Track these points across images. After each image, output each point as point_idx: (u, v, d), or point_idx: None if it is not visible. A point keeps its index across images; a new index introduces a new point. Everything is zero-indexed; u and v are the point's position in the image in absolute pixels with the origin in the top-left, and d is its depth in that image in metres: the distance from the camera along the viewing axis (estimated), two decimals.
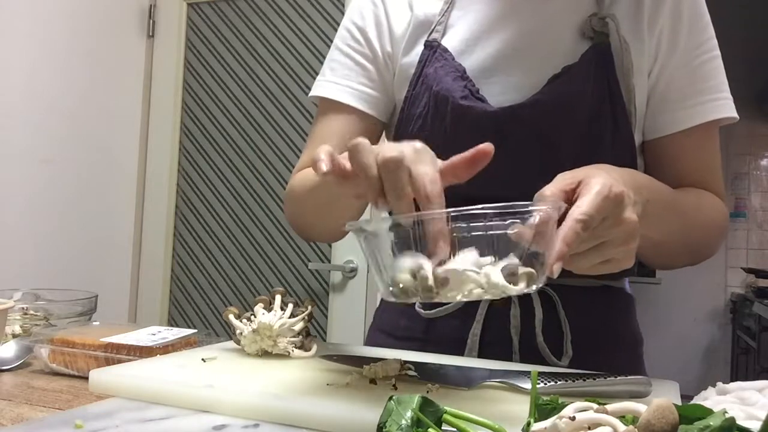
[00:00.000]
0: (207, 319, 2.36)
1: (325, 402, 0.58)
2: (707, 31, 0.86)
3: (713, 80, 0.85)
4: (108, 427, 0.52)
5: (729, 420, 0.38)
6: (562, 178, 0.61)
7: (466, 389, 0.64)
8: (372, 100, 0.93)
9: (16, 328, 0.89)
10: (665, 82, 0.85)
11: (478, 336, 0.84)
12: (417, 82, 0.87)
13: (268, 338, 0.74)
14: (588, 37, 0.83)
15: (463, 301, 0.54)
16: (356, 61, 0.93)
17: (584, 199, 0.57)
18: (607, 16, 0.83)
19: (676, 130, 0.85)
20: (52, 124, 2.10)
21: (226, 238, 2.34)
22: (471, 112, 0.82)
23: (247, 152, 2.32)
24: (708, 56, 0.85)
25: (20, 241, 2.00)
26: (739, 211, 4.51)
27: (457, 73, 0.84)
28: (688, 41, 0.85)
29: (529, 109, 0.81)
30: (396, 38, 0.92)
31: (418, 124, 0.86)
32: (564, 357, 0.82)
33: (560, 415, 0.42)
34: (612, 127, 0.81)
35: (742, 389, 0.59)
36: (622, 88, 0.82)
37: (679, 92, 0.84)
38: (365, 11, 0.94)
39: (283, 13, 2.28)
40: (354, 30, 0.95)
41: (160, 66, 2.45)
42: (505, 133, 0.80)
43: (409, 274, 0.53)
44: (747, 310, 3.85)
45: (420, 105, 0.87)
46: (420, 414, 0.45)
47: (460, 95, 0.83)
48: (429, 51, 0.88)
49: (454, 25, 0.89)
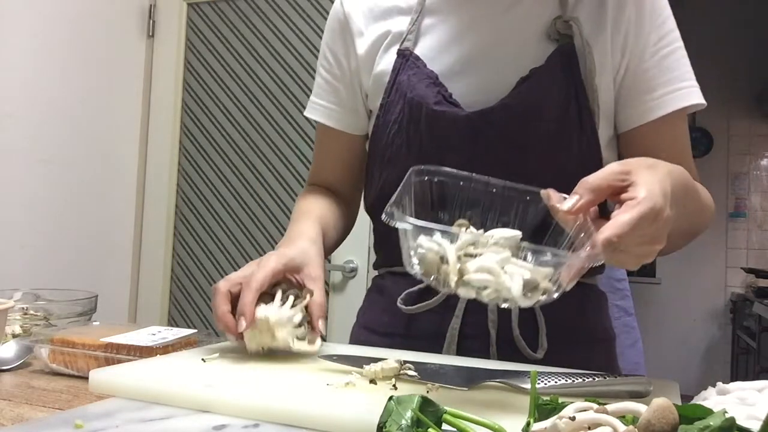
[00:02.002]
0: (207, 319, 2.36)
1: (325, 402, 0.58)
2: (668, 23, 0.90)
3: (678, 70, 0.88)
4: (108, 427, 0.52)
5: (729, 420, 0.38)
6: (608, 171, 0.62)
7: (466, 389, 0.64)
8: (337, 116, 1.00)
9: (16, 328, 0.89)
10: (632, 76, 0.88)
11: (457, 330, 0.87)
12: (391, 89, 0.91)
13: (267, 332, 0.74)
14: (553, 40, 0.87)
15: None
16: (327, 80, 1.01)
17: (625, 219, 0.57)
18: (570, 19, 0.86)
19: (649, 119, 0.88)
20: (52, 124, 2.10)
21: (226, 238, 2.34)
22: (445, 117, 0.86)
23: (247, 152, 2.32)
24: (672, 47, 0.89)
25: (20, 241, 2.00)
26: (739, 211, 4.51)
27: (429, 79, 0.88)
28: (651, 35, 0.88)
29: (500, 112, 0.84)
30: (361, 57, 0.97)
31: (394, 129, 0.91)
32: (539, 350, 0.85)
33: (560, 415, 0.42)
34: (577, 126, 0.85)
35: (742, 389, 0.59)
36: (587, 88, 0.85)
37: (649, 84, 0.88)
38: (334, 33, 1.00)
39: (283, 13, 2.28)
40: (326, 51, 1.01)
41: (160, 66, 2.45)
42: (478, 135, 0.85)
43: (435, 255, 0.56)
44: (747, 310, 3.85)
45: (395, 111, 0.90)
46: (420, 414, 0.45)
47: (434, 101, 0.86)
48: (402, 59, 0.91)
49: (425, 34, 0.93)
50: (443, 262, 0.56)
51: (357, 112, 0.99)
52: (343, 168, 1.04)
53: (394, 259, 0.96)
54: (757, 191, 4.53)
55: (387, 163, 0.92)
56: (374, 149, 0.95)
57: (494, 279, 0.54)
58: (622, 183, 0.61)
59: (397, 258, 0.97)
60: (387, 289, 0.96)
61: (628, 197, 0.60)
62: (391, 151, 0.91)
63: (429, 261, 0.56)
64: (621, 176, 0.61)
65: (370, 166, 0.98)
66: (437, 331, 0.88)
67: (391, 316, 0.92)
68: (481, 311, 0.87)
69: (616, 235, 0.56)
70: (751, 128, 4.52)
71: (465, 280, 0.55)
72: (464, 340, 0.87)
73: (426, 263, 0.57)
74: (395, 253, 0.96)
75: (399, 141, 0.90)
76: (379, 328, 0.95)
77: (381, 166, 0.93)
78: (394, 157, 0.91)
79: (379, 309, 0.97)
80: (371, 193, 0.97)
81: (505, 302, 0.55)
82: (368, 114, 0.99)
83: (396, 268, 0.96)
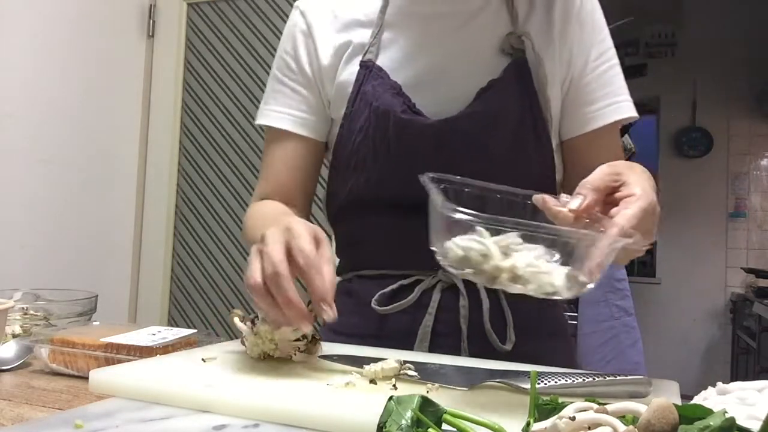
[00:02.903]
0: (207, 319, 2.36)
1: (325, 402, 0.58)
2: (607, 41, 0.97)
3: (615, 85, 0.95)
4: (108, 427, 0.52)
5: (729, 420, 0.38)
6: (603, 172, 0.67)
7: (467, 389, 0.64)
8: (310, 124, 1.00)
9: (16, 328, 0.89)
10: (575, 88, 0.95)
11: (430, 328, 0.90)
12: (356, 99, 0.94)
13: (270, 341, 0.74)
14: (507, 54, 0.92)
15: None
16: (293, 88, 1.01)
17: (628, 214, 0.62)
18: (522, 34, 0.92)
19: (589, 129, 0.94)
20: (52, 124, 2.10)
21: (226, 238, 2.34)
22: (412, 125, 0.89)
23: (247, 152, 2.32)
24: (610, 63, 0.96)
25: (20, 241, 2.00)
26: (739, 211, 4.51)
27: (393, 89, 0.91)
28: (592, 51, 0.95)
29: (464, 120, 0.89)
30: (324, 66, 0.99)
31: (359, 137, 0.93)
32: (508, 342, 0.89)
33: (560, 415, 0.42)
34: (533, 133, 0.91)
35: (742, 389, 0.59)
36: (540, 98, 0.91)
37: (587, 97, 0.95)
38: (297, 41, 1.01)
39: (283, 13, 2.28)
40: (288, 59, 1.02)
41: (160, 66, 2.45)
42: (443, 142, 0.89)
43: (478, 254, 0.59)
44: (747, 310, 3.85)
45: (360, 120, 0.93)
46: (420, 414, 0.45)
47: (401, 109, 0.90)
48: (365, 70, 0.94)
49: (387, 47, 0.96)
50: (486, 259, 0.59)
51: (326, 119, 1.01)
52: (303, 177, 1.02)
53: (360, 262, 0.99)
54: (757, 191, 4.53)
55: (352, 171, 0.94)
56: (338, 158, 0.97)
57: (546, 275, 0.58)
58: (615, 183, 0.66)
59: (363, 261, 0.99)
60: (355, 292, 0.97)
61: (623, 195, 0.65)
62: (357, 159, 0.93)
63: (472, 257, 0.59)
64: (614, 176, 0.66)
65: (333, 175, 1.00)
66: (409, 329, 0.91)
67: (361, 317, 0.94)
68: (452, 308, 0.90)
69: (630, 227, 0.60)
70: (751, 128, 4.52)
71: (522, 275, 0.58)
72: (435, 338, 0.90)
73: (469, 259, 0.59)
74: (362, 257, 0.99)
75: (365, 149, 0.92)
76: (347, 330, 0.95)
77: (346, 174, 0.95)
78: (360, 164, 0.93)
79: (347, 311, 0.95)
80: (336, 200, 0.99)
81: (545, 294, 0.59)
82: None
83: (364, 271, 0.98)
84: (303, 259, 0.67)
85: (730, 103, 4.46)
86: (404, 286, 0.92)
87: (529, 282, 0.59)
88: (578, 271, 0.59)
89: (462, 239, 0.60)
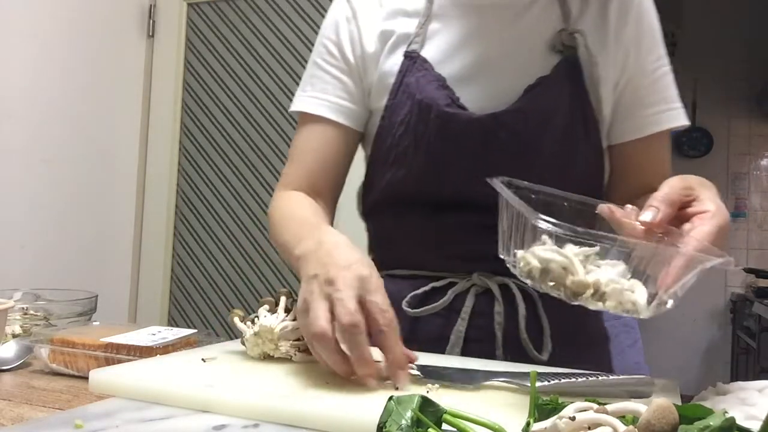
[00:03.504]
0: (207, 319, 2.36)
1: (325, 402, 0.58)
2: (662, 45, 0.94)
3: (669, 91, 0.93)
4: (108, 427, 0.52)
5: (729, 420, 0.38)
6: (675, 186, 0.65)
7: (470, 389, 0.64)
8: (349, 113, 0.97)
9: (16, 328, 0.89)
10: (631, 91, 0.92)
11: (463, 333, 0.87)
12: (398, 90, 0.91)
13: (270, 341, 0.74)
14: (558, 51, 0.89)
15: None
16: (333, 75, 0.97)
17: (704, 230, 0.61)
18: (575, 31, 0.89)
19: (640, 135, 0.92)
20: (52, 124, 2.10)
21: (226, 238, 2.34)
22: (456, 119, 0.86)
23: (247, 152, 2.32)
24: (665, 69, 0.93)
25: (20, 241, 2.00)
26: (739, 211, 4.51)
27: (438, 82, 0.88)
28: (649, 54, 0.92)
29: (512, 116, 0.86)
30: (368, 53, 0.96)
31: (401, 130, 0.90)
32: (544, 351, 0.86)
33: (560, 415, 0.42)
34: (583, 134, 0.88)
35: (742, 389, 0.59)
36: (592, 98, 0.88)
37: (643, 101, 0.92)
38: (339, 27, 0.98)
39: (283, 13, 2.28)
40: (330, 45, 0.99)
41: (160, 66, 2.44)
42: (488, 138, 0.86)
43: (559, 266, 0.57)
44: (747, 310, 3.85)
45: (402, 113, 0.90)
46: (420, 414, 0.45)
47: (444, 103, 0.87)
48: (409, 61, 0.91)
49: (432, 37, 0.93)
50: (567, 272, 0.57)
51: (365, 108, 0.97)
52: (335, 167, 0.98)
53: (393, 261, 0.96)
54: (757, 191, 4.52)
55: (392, 164, 0.91)
56: (377, 150, 0.94)
57: (628, 293, 0.56)
58: (687, 198, 0.64)
59: (396, 260, 0.97)
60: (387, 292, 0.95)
61: (697, 211, 0.63)
62: (397, 152, 0.90)
63: (553, 270, 0.57)
64: (686, 191, 0.65)
65: (370, 168, 0.97)
66: (441, 334, 0.88)
67: None
68: (487, 314, 0.87)
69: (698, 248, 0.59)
70: (751, 128, 4.51)
71: (607, 292, 0.56)
72: (468, 343, 0.87)
73: (549, 272, 0.57)
74: (395, 256, 0.97)
75: (406, 142, 0.89)
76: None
77: (384, 167, 0.93)
78: (400, 158, 0.90)
79: None
80: (372, 194, 0.97)
81: (625, 312, 0.57)
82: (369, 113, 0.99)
83: (396, 270, 0.95)
84: (384, 321, 0.63)
85: (730, 103, 4.46)
86: (437, 289, 0.89)
87: (610, 299, 0.56)
88: (661, 288, 0.57)
89: (542, 249, 0.57)
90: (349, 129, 0.97)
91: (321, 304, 0.63)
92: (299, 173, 0.97)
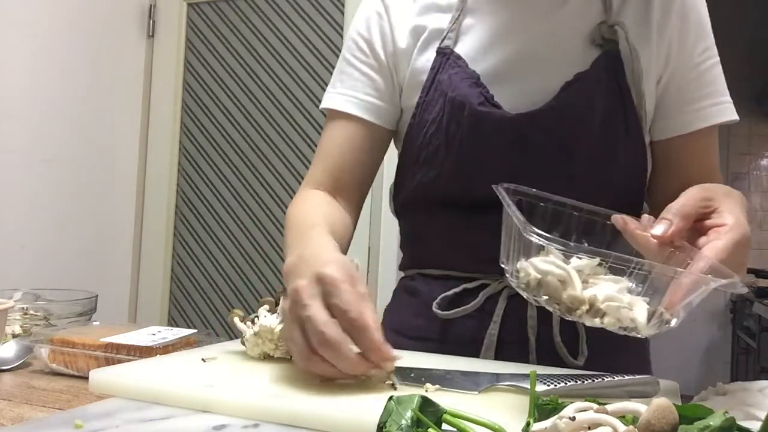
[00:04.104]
0: (207, 319, 2.36)
1: (325, 402, 0.58)
2: (711, 36, 0.90)
3: (717, 84, 0.88)
4: (108, 427, 0.52)
5: (729, 420, 0.38)
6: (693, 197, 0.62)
7: (477, 393, 0.63)
8: (378, 110, 0.94)
9: (16, 328, 0.89)
10: (675, 85, 0.88)
11: (495, 336, 0.85)
12: (430, 88, 0.88)
13: (270, 341, 0.74)
14: (597, 45, 0.85)
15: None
16: (362, 71, 0.94)
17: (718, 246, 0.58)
18: (616, 23, 0.85)
19: (686, 131, 0.88)
20: (52, 124, 2.10)
21: (226, 238, 2.34)
22: (489, 118, 0.83)
23: (247, 152, 2.32)
24: (712, 61, 0.89)
25: (20, 241, 2.00)
26: None
27: (471, 79, 0.85)
28: (695, 46, 0.88)
29: (547, 115, 0.83)
30: (399, 50, 0.93)
31: (432, 129, 0.87)
32: (580, 356, 0.83)
33: (560, 415, 0.42)
34: (624, 131, 0.84)
35: (742, 389, 0.59)
36: (633, 93, 0.84)
37: (688, 96, 0.88)
38: (371, 22, 0.95)
39: (283, 13, 2.28)
40: (360, 41, 0.96)
41: (160, 66, 2.45)
42: (523, 138, 0.83)
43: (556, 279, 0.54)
44: (747, 310, 3.85)
45: (434, 111, 0.87)
46: (420, 414, 0.45)
47: (477, 101, 0.84)
48: (442, 58, 0.88)
49: (466, 33, 0.90)
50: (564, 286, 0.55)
51: (396, 106, 0.95)
52: (361, 166, 0.95)
53: (424, 260, 0.94)
54: (757, 191, 4.52)
55: (422, 164, 0.89)
56: (408, 149, 0.92)
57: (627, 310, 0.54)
58: (706, 210, 0.62)
59: (428, 259, 0.94)
60: (419, 292, 0.93)
61: (715, 224, 0.60)
62: (428, 152, 0.88)
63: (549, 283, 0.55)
64: (705, 202, 0.62)
65: (401, 167, 0.95)
66: (474, 336, 0.86)
67: (425, 319, 0.89)
68: (519, 317, 0.85)
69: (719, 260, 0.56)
70: (751, 128, 4.51)
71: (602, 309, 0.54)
72: (502, 347, 0.85)
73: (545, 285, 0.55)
74: (426, 255, 0.94)
75: (437, 141, 0.87)
76: (410, 332, 0.91)
77: (415, 166, 0.90)
78: (431, 157, 0.88)
79: (410, 312, 0.93)
80: (403, 193, 0.95)
81: (625, 330, 0.55)
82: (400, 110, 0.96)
83: (428, 270, 0.93)
84: (348, 322, 0.61)
85: None
86: (468, 290, 0.87)
87: (607, 316, 0.54)
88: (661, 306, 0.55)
89: (541, 260, 0.55)
90: (377, 126, 0.94)
91: (294, 329, 0.62)
92: (322, 171, 0.95)
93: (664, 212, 0.60)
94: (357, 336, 0.61)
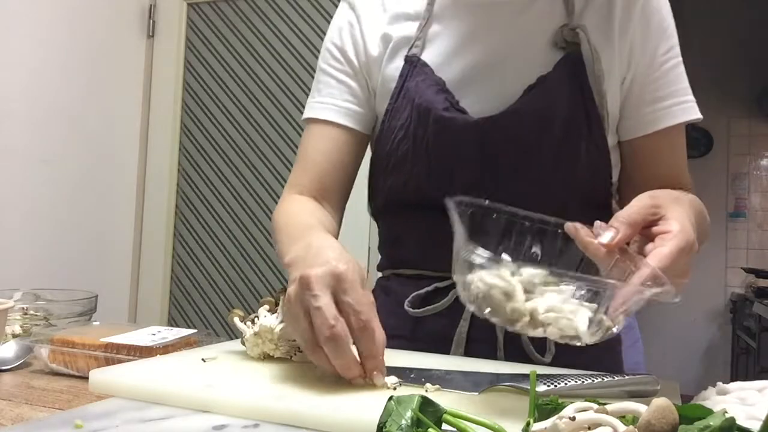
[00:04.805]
0: (207, 319, 2.36)
1: (325, 402, 0.58)
2: (673, 37, 0.91)
3: (681, 84, 0.90)
4: (108, 427, 0.52)
5: (729, 420, 0.38)
6: (641, 204, 0.64)
7: (477, 394, 0.63)
8: (356, 115, 0.97)
9: (16, 328, 0.89)
10: (639, 86, 0.90)
11: (465, 334, 0.87)
12: (398, 95, 0.91)
13: (270, 341, 0.74)
14: (560, 47, 0.87)
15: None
16: (339, 79, 0.97)
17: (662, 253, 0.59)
18: (577, 26, 0.87)
19: (651, 131, 0.90)
20: (52, 124, 2.10)
21: (226, 238, 2.34)
22: (453, 123, 0.86)
23: (247, 152, 2.32)
24: (675, 61, 0.91)
25: (20, 241, 2.00)
26: (739, 211, 4.51)
27: (437, 86, 0.88)
28: (658, 47, 0.90)
29: (509, 119, 0.85)
30: (371, 57, 0.96)
31: (400, 135, 0.90)
32: (547, 354, 0.85)
33: (560, 415, 0.42)
34: (586, 131, 0.86)
35: (742, 389, 0.59)
36: (595, 94, 0.86)
37: (652, 95, 0.90)
38: (343, 32, 0.99)
39: (283, 13, 2.28)
40: (334, 50, 0.99)
41: (160, 66, 2.44)
42: (486, 142, 0.85)
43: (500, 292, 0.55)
44: (747, 310, 3.85)
45: (402, 117, 0.90)
46: (420, 414, 0.45)
47: (442, 107, 0.86)
48: (410, 65, 0.91)
49: (433, 41, 0.92)
50: (508, 298, 0.55)
51: (373, 110, 0.97)
52: (342, 170, 0.97)
53: (399, 261, 0.96)
54: (757, 191, 4.52)
55: (392, 170, 0.92)
56: (378, 156, 0.95)
57: (567, 320, 0.55)
58: (653, 216, 0.63)
59: (402, 260, 0.97)
60: (393, 291, 0.95)
61: (661, 230, 0.62)
62: (396, 158, 0.90)
63: (494, 296, 0.55)
64: (653, 210, 0.63)
65: (373, 172, 0.97)
66: (444, 334, 0.88)
67: (397, 318, 0.91)
68: None
69: (660, 268, 0.57)
70: (751, 128, 4.51)
71: (541, 320, 0.55)
72: (471, 344, 0.87)
73: (489, 298, 0.56)
74: (401, 256, 0.97)
75: (405, 147, 0.89)
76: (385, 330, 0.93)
77: (386, 172, 0.93)
78: (399, 163, 0.90)
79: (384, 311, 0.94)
80: (377, 198, 0.97)
81: (568, 339, 0.56)
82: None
83: (402, 270, 0.95)
84: (358, 324, 0.62)
85: (730, 103, 4.46)
86: (440, 289, 0.89)
87: (549, 326, 0.55)
88: (603, 314, 0.55)
89: (487, 274, 0.55)
90: (356, 132, 0.97)
91: (299, 317, 0.63)
92: (306, 177, 0.97)
93: (612, 220, 0.62)
94: (362, 338, 0.62)
